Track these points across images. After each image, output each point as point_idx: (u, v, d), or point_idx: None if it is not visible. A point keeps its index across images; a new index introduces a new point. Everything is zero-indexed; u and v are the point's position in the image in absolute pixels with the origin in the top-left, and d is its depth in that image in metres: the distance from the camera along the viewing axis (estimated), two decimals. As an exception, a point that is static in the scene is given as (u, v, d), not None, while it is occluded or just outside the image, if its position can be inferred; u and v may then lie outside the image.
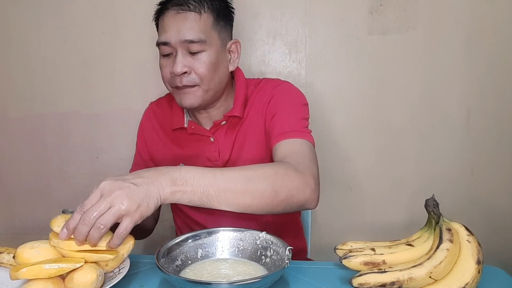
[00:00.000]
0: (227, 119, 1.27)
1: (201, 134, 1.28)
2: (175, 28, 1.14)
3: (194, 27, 1.14)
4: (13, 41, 1.80)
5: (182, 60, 1.15)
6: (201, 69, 1.16)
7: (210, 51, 1.17)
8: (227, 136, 1.27)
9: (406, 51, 1.67)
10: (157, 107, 1.39)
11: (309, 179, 1.01)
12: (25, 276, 0.81)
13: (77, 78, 1.81)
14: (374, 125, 1.73)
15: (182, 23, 1.14)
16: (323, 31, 1.69)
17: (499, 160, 1.71)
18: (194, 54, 1.16)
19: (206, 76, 1.17)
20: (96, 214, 0.81)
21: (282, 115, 1.21)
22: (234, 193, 0.93)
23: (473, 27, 1.63)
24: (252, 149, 1.26)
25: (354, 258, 0.91)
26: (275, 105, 1.23)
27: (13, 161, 1.91)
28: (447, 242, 0.85)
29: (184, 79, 1.16)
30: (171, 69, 1.16)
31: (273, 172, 0.98)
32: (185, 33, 1.14)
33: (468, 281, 0.83)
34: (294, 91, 1.28)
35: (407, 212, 1.76)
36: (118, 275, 0.88)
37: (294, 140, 1.14)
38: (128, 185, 0.84)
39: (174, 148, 1.32)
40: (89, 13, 1.75)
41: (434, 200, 0.92)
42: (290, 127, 1.17)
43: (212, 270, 0.95)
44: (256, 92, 1.29)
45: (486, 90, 1.67)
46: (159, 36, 1.19)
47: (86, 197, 0.84)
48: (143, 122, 1.39)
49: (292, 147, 1.12)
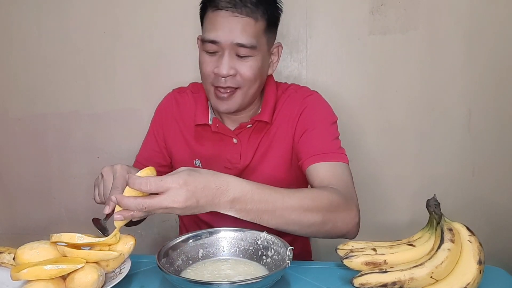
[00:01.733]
0: (253, 123, 1.24)
1: (224, 134, 1.25)
2: (228, 29, 1.11)
3: (248, 32, 1.11)
4: (14, 41, 1.80)
5: (229, 62, 1.12)
6: (247, 73, 1.14)
7: (258, 57, 1.15)
8: (251, 139, 1.25)
9: (407, 51, 1.67)
10: (180, 97, 1.34)
11: (355, 212, 1.04)
12: (26, 277, 0.81)
13: (78, 78, 1.80)
14: (375, 125, 1.73)
15: (236, 26, 1.10)
16: (324, 31, 1.69)
17: (500, 160, 1.71)
18: (241, 58, 1.13)
19: (250, 81, 1.15)
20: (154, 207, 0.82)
21: (316, 134, 1.19)
22: (286, 222, 0.94)
23: (474, 27, 1.63)
24: (276, 157, 1.24)
25: (355, 258, 0.91)
26: (308, 119, 1.22)
27: (14, 161, 1.90)
28: (449, 242, 0.85)
29: (228, 80, 1.13)
30: (217, 69, 1.13)
31: (327, 204, 0.98)
32: (238, 36, 1.10)
33: (470, 281, 0.83)
34: (326, 107, 1.27)
35: (408, 212, 1.76)
36: (119, 275, 0.89)
37: (334, 163, 1.14)
38: (196, 205, 0.84)
39: (194, 143, 1.29)
40: (90, 13, 1.75)
41: (435, 200, 0.92)
42: (327, 148, 1.16)
43: (213, 270, 0.95)
44: (284, 98, 1.27)
45: (487, 90, 1.67)
46: (206, 32, 1.14)
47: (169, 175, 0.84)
48: (163, 108, 1.34)
49: (334, 172, 1.12)
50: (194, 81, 1.38)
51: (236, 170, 1.25)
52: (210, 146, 1.27)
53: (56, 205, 1.92)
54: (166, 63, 1.75)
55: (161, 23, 1.72)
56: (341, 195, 1.02)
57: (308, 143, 1.19)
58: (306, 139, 1.20)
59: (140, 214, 0.85)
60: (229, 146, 1.26)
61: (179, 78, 1.43)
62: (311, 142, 1.19)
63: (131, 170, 0.95)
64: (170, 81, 1.43)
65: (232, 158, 1.25)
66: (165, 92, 1.38)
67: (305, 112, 1.23)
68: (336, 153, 1.16)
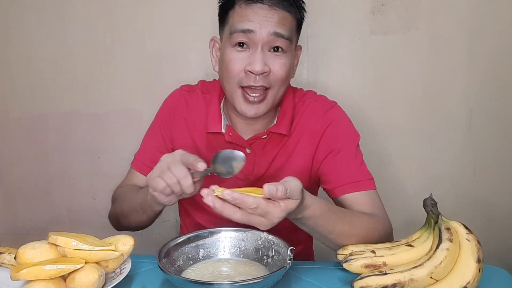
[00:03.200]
0: (268, 134, 1.18)
1: (237, 144, 1.17)
2: (265, 19, 1.04)
3: (286, 24, 1.07)
4: (14, 40, 1.80)
5: (263, 58, 1.05)
6: (280, 71, 1.08)
7: (289, 54, 1.10)
8: (266, 150, 1.19)
9: (408, 51, 1.66)
10: (189, 96, 1.26)
11: (392, 239, 1.10)
12: (26, 277, 0.81)
13: (78, 78, 1.80)
14: (375, 125, 1.72)
15: (273, 17, 1.05)
16: (325, 31, 1.69)
17: (501, 160, 1.71)
18: (275, 53, 1.07)
19: (281, 80, 1.09)
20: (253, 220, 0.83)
21: (344, 157, 1.17)
22: (333, 243, 0.99)
23: (475, 26, 1.63)
24: (293, 172, 1.16)
25: (355, 261, 0.91)
26: (334, 139, 1.18)
27: (14, 161, 1.90)
28: (447, 242, 0.85)
29: (260, 79, 1.06)
30: (249, 66, 1.05)
31: (377, 238, 1.03)
32: (276, 25, 1.05)
33: (469, 280, 0.83)
34: (350, 124, 1.23)
35: (409, 212, 1.75)
36: (119, 276, 0.89)
37: (370, 192, 1.15)
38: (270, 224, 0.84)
39: (205, 151, 1.20)
40: (90, 13, 1.75)
41: (432, 199, 0.92)
42: (358, 175, 1.15)
43: (213, 270, 0.95)
44: (303, 108, 1.21)
45: (488, 90, 1.66)
46: (237, 23, 1.06)
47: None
48: (172, 105, 1.26)
49: (373, 201, 1.14)
50: (195, 81, 1.35)
51: (248, 181, 1.20)
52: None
53: (56, 205, 1.91)
54: (167, 63, 1.74)
55: (162, 23, 1.72)
56: (387, 228, 1.10)
57: (337, 168, 1.16)
58: (333, 163, 1.17)
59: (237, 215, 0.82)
60: None
61: (180, 78, 1.42)
62: (340, 167, 1.16)
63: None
64: (170, 81, 1.43)
65: (245, 169, 1.19)
66: (166, 92, 1.35)
67: (330, 129, 1.19)
68: (368, 180, 1.16)
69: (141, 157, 1.27)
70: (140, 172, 1.26)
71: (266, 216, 0.82)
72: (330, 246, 1.01)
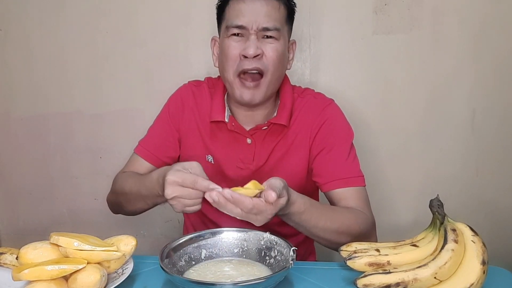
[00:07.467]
0: (269, 125, 1.24)
1: (238, 133, 1.24)
2: (254, 14, 1.14)
3: (273, 15, 1.15)
4: (16, 40, 1.80)
5: (256, 43, 1.15)
6: (272, 54, 1.16)
7: (280, 42, 1.18)
8: (265, 141, 1.25)
9: (411, 50, 1.66)
10: (197, 90, 1.33)
11: (375, 237, 1.19)
12: (27, 277, 0.81)
13: (80, 78, 1.80)
14: (378, 125, 1.72)
15: (261, 9, 1.15)
16: (328, 30, 1.68)
17: (504, 161, 1.70)
18: (267, 39, 1.16)
19: (274, 64, 1.17)
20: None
21: (336, 154, 1.22)
22: (317, 237, 1.07)
23: (478, 26, 1.62)
24: (293, 165, 1.25)
25: (359, 259, 0.91)
26: (328, 136, 1.23)
27: (16, 161, 1.90)
28: (452, 243, 0.85)
29: (254, 62, 1.15)
30: (244, 51, 1.14)
31: (357, 231, 1.08)
32: (263, 20, 1.14)
33: (473, 281, 0.83)
34: (345, 122, 1.29)
35: (412, 212, 1.76)
36: (121, 276, 0.89)
37: (358, 188, 1.20)
38: (264, 220, 0.92)
39: (208, 139, 1.28)
40: (93, 13, 1.75)
41: (439, 200, 0.92)
42: (349, 171, 1.20)
43: (216, 270, 0.95)
44: (302, 103, 1.27)
45: (491, 90, 1.66)
46: (231, 19, 1.17)
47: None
48: (180, 98, 1.32)
49: (359, 197, 1.19)
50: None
51: (248, 171, 1.25)
52: (224, 144, 1.26)
53: (58, 205, 1.91)
54: (169, 63, 1.74)
55: (164, 23, 1.72)
56: (369, 223, 1.14)
57: (329, 163, 1.21)
58: (325, 158, 1.22)
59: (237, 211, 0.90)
60: (242, 146, 1.25)
61: (181, 78, 1.41)
62: (332, 163, 1.21)
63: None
64: (173, 81, 1.43)
65: (245, 158, 1.25)
66: (167, 92, 1.36)
67: (325, 126, 1.24)
68: (357, 177, 1.21)
69: (146, 144, 1.31)
70: (144, 158, 1.29)
71: (261, 214, 0.90)
72: (317, 240, 1.10)
